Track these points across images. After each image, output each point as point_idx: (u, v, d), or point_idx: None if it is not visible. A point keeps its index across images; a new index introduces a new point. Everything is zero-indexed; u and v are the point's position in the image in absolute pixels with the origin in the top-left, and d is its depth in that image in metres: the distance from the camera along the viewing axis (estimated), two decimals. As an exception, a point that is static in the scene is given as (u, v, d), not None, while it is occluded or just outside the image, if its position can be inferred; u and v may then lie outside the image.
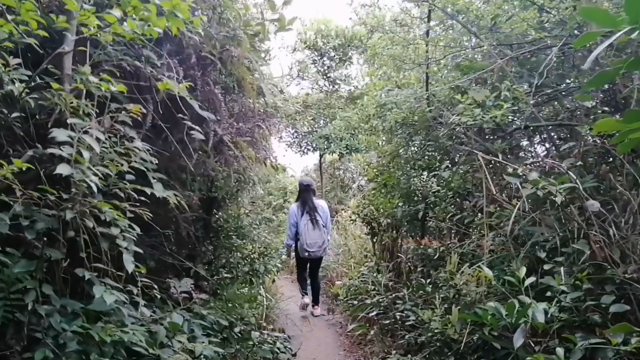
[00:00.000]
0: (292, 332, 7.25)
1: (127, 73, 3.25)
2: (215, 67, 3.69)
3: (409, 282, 6.47)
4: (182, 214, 4.14)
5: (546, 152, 4.63)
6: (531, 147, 4.93)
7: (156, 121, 3.43)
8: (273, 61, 14.72)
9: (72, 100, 2.39)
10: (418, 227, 6.22)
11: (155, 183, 3.05)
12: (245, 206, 4.92)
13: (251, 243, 4.82)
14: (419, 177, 6.32)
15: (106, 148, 2.50)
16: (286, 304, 8.25)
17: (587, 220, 2.64)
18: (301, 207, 6.68)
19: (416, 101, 4.97)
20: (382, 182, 6.63)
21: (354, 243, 9.63)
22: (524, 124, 3.12)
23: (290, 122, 8.49)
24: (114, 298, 2.09)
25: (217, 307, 4.27)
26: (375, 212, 7.57)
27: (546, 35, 3.21)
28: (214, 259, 4.57)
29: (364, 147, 9.10)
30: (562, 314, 2.46)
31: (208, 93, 3.61)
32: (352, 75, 9.56)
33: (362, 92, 7.67)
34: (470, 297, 3.21)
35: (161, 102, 3.27)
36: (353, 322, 6.94)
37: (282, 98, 5.11)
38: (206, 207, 4.57)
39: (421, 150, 5.78)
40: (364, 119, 5.97)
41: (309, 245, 6.65)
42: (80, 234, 2.29)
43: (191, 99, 3.27)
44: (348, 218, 9.81)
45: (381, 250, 8.00)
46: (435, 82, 4.64)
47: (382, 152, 7.08)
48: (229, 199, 4.69)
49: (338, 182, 14.69)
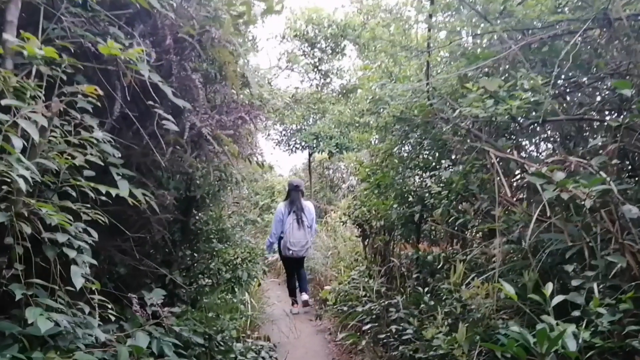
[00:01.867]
0: (278, 339, 6.92)
1: (90, 54, 2.81)
2: (193, 51, 3.27)
3: (402, 288, 6.12)
4: (155, 215, 3.72)
5: (551, 152, 4.28)
6: (531, 147, 4.59)
7: (125, 110, 3.00)
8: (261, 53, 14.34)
9: (13, 80, 1.96)
10: (413, 230, 5.85)
11: (120, 181, 2.63)
12: (227, 207, 4.49)
13: (234, 247, 4.41)
14: (415, 177, 5.95)
15: (55, 137, 2.07)
16: (272, 308, 7.90)
17: (622, 228, 2.27)
18: (289, 206, 6.86)
19: (414, 94, 4.59)
20: (375, 182, 6.24)
21: (344, 246, 9.26)
22: (541, 118, 2.74)
23: (278, 117, 8.02)
24: (49, 325, 1.67)
25: (194, 318, 3.85)
26: (367, 214, 7.20)
27: (568, 19, 2.83)
28: (193, 265, 4.15)
29: (355, 145, 8.73)
30: (595, 338, 2.09)
31: (185, 79, 3.19)
32: (344, 68, 9.16)
33: (355, 86, 7.27)
34: (480, 312, 2.83)
35: (130, 88, 2.84)
36: (343, 331, 6.57)
37: (269, 90, 4.71)
38: (184, 207, 4.15)
39: (418, 148, 5.40)
40: (357, 114, 5.58)
41: (292, 244, 6.84)
42: (19, 240, 1.86)
43: (164, 85, 2.85)
44: (338, 219, 9.44)
45: (373, 253, 7.66)
46: (437, 73, 4.27)
47: (375, 150, 6.70)
48: (210, 199, 4.27)
49: (327, 182, 14.30)
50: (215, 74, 3.82)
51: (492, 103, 2.78)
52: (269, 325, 7.26)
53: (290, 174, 16.05)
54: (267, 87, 4.76)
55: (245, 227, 5.16)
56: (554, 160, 2.50)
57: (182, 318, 3.75)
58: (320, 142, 11.05)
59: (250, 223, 4.70)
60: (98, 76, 2.88)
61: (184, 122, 3.07)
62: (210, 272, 4.14)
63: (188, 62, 3.20)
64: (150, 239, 3.91)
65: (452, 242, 5.37)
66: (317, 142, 11.02)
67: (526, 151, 4.59)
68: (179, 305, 4.08)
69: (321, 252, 9.86)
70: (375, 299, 6.35)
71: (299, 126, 11.71)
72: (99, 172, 2.68)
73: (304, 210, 6.91)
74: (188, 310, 3.83)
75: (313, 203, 8.22)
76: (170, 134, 3.26)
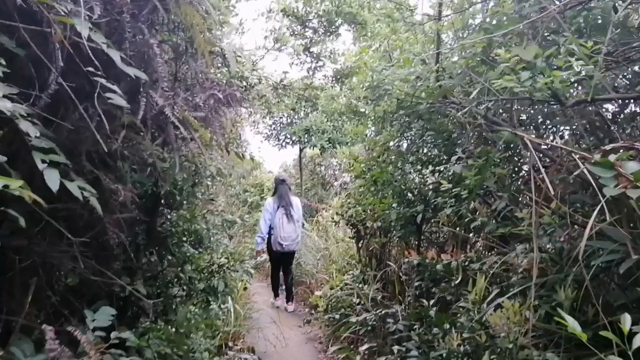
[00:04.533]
0: (264, 349, 6.38)
1: (12, 6, 2.17)
2: (154, 11, 2.63)
3: (401, 296, 5.54)
4: (113, 214, 3.09)
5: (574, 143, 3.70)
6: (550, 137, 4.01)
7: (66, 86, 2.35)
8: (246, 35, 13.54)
9: None
10: (413, 232, 5.25)
11: (47, 170, 1.99)
12: (203, 205, 3.86)
13: (210, 252, 3.78)
14: (418, 172, 5.35)
15: None
16: (259, 314, 7.33)
17: None
18: (277, 201, 6.86)
19: (419, 79, 3.99)
20: (372, 178, 5.63)
21: (336, 247, 8.66)
22: (590, 95, 2.15)
23: (265, 105, 7.37)
24: None
25: (160, 336, 3.23)
26: (362, 214, 6.60)
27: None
28: (160, 273, 3.51)
29: (350, 139, 8.13)
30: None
31: (142, 45, 2.55)
32: (339, 51, 8.45)
33: (352, 71, 6.64)
34: (510, 340, 2.23)
35: (64, 52, 2.20)
36: (335, 343, 5.98)
37: (251, 69, 4.09)
38: (151, 206, 3.51)
39: (420, 141, 4.80)
40: (353, 102, 4.97)
41: (283, 238, 6.83)
42: None
43: (110, 48, 2.21)
44: (330, 219, 8.85)
45: (367, 256, 7.09)
46: (449, 51, 3.68)
47: (371, 143, 6.09)
48: (183, 196, 3.64)
49: (319, 180, 13.67)
50: (186, 46, 3.19)
51: (528, 75, 2.17)
52: (254, 333, 6.77)
53: (280, 171, 15.46)
54: (252, 69, 4.14)
55: (224, 229, 4.52)
56: (614, 147, 1.90)
57: (145, 337, 3.12)
58: (312, 137, 10.42)
59: (228, 224, 4.07)
60: (28, 38, 2.24)
61: (139, 100, 2.43)
62: (180, 281, 3.51)
63: (144, 22, 2.56)
64: (108, 243, 3.27)
65: (457, 246, 4.78)
66: (309, 136, 10.40)
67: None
68: (143, 321, 3.45)
69: (312, 253, 9.33)
70: (370, 308, 5.79)
71: (289, 119, 11.05)
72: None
73: (292, 205, 6.90)
74: (151, 328, 3.21)
75: (302, 200, 8.24)
76: (124, 115, 2.63)
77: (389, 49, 4.94)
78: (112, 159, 3.10)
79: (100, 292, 3.39)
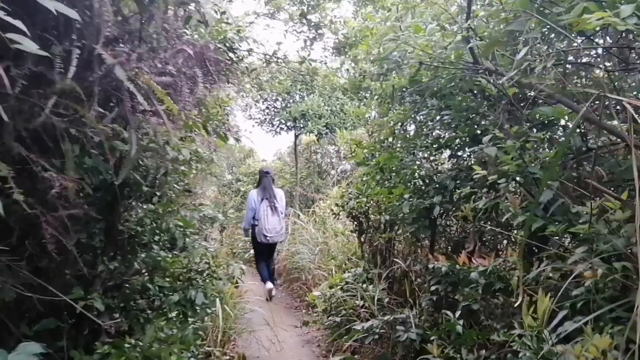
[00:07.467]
0: (256, 353, 5.78)
1: None
2: None
3: (411, 299, 4.88)
4: (55, 211, 2.38)
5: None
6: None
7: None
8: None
9: None
10: (427, 227, 4.55)
11: None
12: (177, 198, 3.13)
13: (186, 256, 3.06)
14: (431, 157, 4.65)
15: None
16: (251, 315, 6.71)
17: None
18: (261, 193, 6.94)
19: (441, 41, 3.28)
20: (377, 165, 4.91)
21: (335, 242, 7.98)
22: None
23: (255, 81, 6.60)
24: None
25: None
26: (365, 205, 5.91)
27: None
28: (124, 283, 2.81)
29: (351, 120, 7.42)
30: None
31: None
32: (340, 20, 7.58)
33: (355, 43, 5.88)
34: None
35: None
36: (337, 353, 5.31)
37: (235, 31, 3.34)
38: (110, 200, 2.79)
39: (437, 121, 4.09)
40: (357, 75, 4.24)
41: (268, 230, 6.89)
42: None
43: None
44: (328, 210, 8.17)
45: (371, 252, 6.43)
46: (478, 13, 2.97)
47: (375, 125, 5.39)
48: (152, 187, 2.92)
49: (315, 168, 12.94)
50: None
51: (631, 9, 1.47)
52: (246, 336, 6.16)
53: (274, 159, 14.73)
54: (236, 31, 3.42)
55: (204, 227, 3.79)
56: None
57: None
58: (308, 122, 9.68)
59: (209, 221, 3.37)
60: None
61: (69, 47, 1.71)
62: (149, 292, 2.82)
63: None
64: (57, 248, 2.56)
65: (478, 245, 4.10)
66: (305, 121, 9.66)
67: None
68: (102, 342, 2.76)
69: (308, 247, 8.68)
70: (376, 311, 5.13)
71: (283, 104, 10.27)
72: None
73: (276, 197, 7.00)
74: (111, 352, 2.51)
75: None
76: (56, 76, 1.92)
77: (397, 14, 4.21)
78: (52, 139, 2.39)
79: (46, 309, 2.69)
